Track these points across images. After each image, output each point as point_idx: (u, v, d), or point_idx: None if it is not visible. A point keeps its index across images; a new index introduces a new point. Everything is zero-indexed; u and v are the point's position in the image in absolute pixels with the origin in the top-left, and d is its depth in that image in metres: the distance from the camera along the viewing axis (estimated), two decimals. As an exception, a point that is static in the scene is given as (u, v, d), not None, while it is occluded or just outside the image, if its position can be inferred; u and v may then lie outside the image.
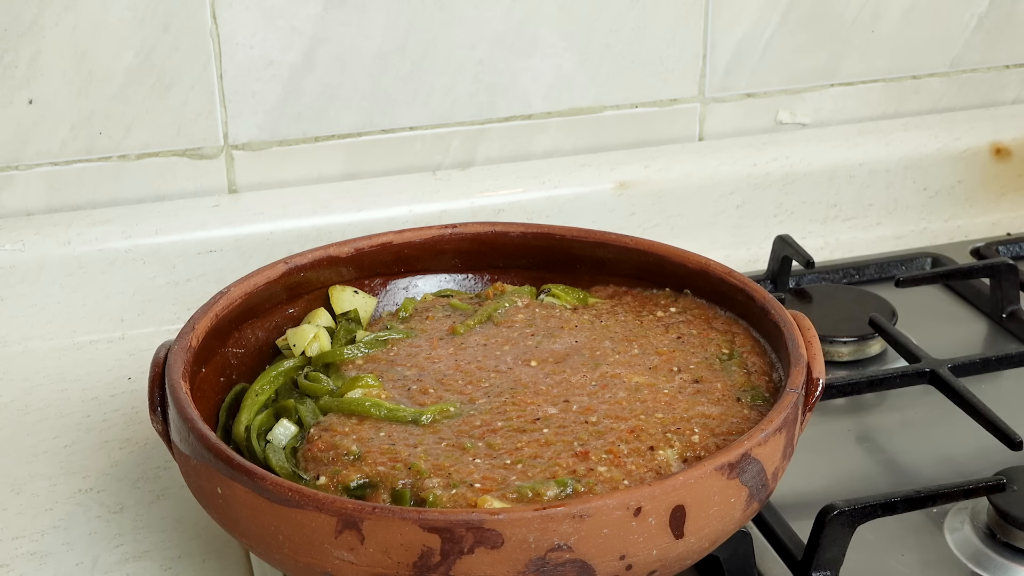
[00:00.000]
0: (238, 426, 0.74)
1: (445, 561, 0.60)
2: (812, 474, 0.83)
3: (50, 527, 0.80)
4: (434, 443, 0.69)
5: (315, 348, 0.79)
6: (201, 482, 0.66)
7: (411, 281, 0.87)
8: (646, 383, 0.74)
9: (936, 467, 0.84)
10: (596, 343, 0.79)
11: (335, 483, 0.67)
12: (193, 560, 0.77)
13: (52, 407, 0.92)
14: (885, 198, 1.17)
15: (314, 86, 1.04)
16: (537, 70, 1.09)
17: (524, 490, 0.64)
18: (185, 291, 1.02)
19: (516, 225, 0.86)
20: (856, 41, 1.16)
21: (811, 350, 0.72)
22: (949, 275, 1.02)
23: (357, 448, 0.69)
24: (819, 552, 0.72)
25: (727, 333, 0.79)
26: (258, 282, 0.80)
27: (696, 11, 1.10)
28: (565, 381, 0.75)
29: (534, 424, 0.70)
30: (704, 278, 0.82)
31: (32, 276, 0.98)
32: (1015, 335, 0.99)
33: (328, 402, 0.73)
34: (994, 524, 0.76)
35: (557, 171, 1.09)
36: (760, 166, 1.13)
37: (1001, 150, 1.18)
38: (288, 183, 1.06)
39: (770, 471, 0.66)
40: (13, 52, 0.97)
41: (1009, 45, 1.20)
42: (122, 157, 1.02)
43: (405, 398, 0.74)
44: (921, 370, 0.88)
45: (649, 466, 0.67)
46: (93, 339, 1.00)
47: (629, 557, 0.61)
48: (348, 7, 1.02)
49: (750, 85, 1.15)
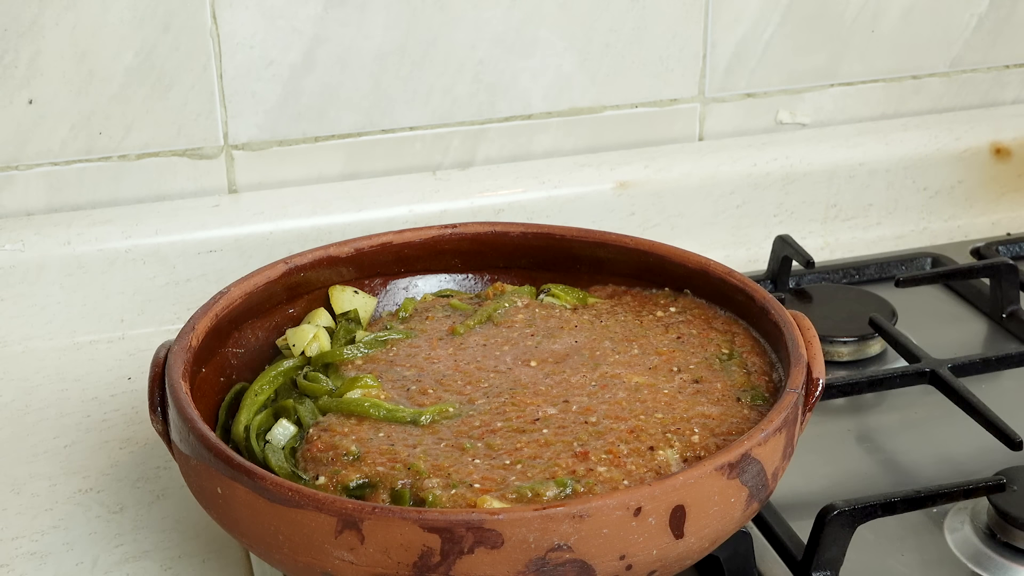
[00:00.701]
0: (237, 426, 0.74)
1: (445, 561, 0.60)
2: (812, 474, 0.83)
3: (50, 527, 0.80)
4: (433, 443, 0.69)
5: (315, 348, 0.79)
6: (201, 482, 0.66)
7: (411, 281, 0.87)
8: (646, 383, 0.74)
9: (936, 467, 0.84)
10: (596, 343, 0.79)
11: (334, 483, 0.67)
12: (193, 560, 0.77)
13: (52, 407, 0.92)
14: (885, 198, 1.17)
15: (314, 86, 1.04)
16: (537, 70, 1.09)
17: (524, 490, 0.64)
18: (185, 291, 1.02)
19: (516, 225, 0.86)
20: (856, 41, 1.16)
21: (811, 350, 0.72)
22: (949, 275, 1.02)
23: (356, 448, 0.69)
24: (819, 552, 0.72)
25: (727, 333, 0.79)
26: (258, 282, 0.80)
27: (696, 11, 1.10)
28: (565, 381, 0.75)
29: (533, 424, 0.70)
30: (704, 278, 0.82)
31: (32, 276, 0.98)
32: (1015, 335, 0.99)
33: (327, 402, 0.73)
34: (994, 524, 0.76)
35: (557, 171, 1.09)
36: (760, 166, 1.13)
37: (1001, 150, 1.18)
38: (288, 183, 1.06)
39: (770, 471, 0.66)
40: (13, 52, 0.97)
41: (1009, 45, 1.20)
42: (122, 157, 1.02)
43: (404, 398, 0.74)
44: (921, 370, 0.88)
45: (649, 466, 0.67)
46: (93, 339, 1.00)
47: (629, 557, 0.61)
48: (348, 7, 1.02)
49: (750, 85, 1.15)
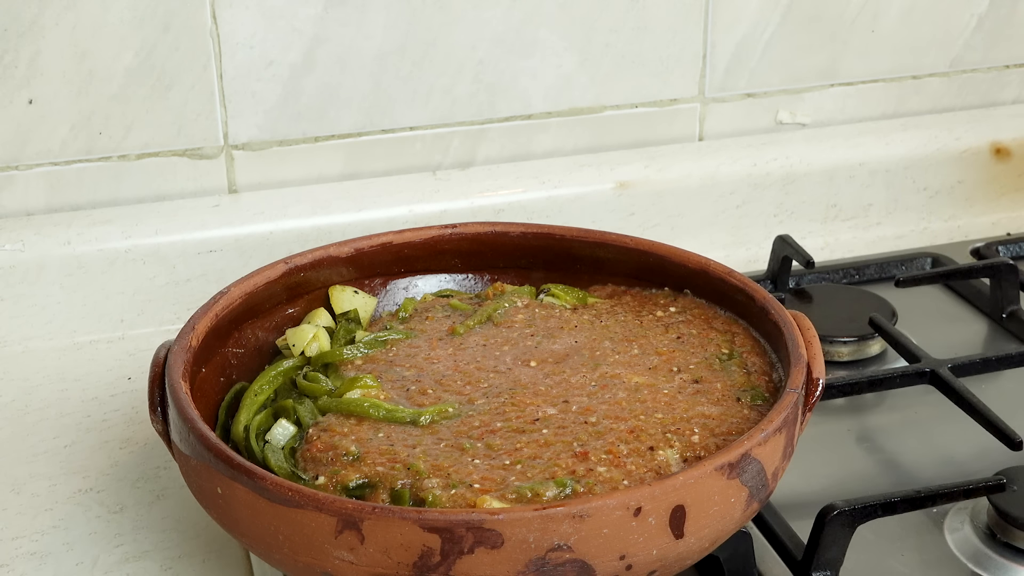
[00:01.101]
0: (237, 426, 0.74)
1: (445, 561, 0.60)
2: (812, 474, 0.83)
3: (50, 527, 0.80)
4: (433, 444, 0.69)
5: (314, 348, 0.79)
6: (201, 482, 0.66)
7: (411, 281, 0.87)
8: (646, 383, 0.74)
9: (936, 467, 0.84)
10: (596, 343, 0.79)
11: (334, 483, 0.67)
12: (193, 560, 0.77)
13: (52, 407, 0.92)
14: (885, 198, 1.17)
15: (314, 86, 1.04)
16: (537, 70, 1.08)
17: (523, 490, 0.64)
18: (185, 291, 1.02)
19: (516, 225, 0.86)
20: (856, 41, 1.16)
21: (811, 350, 0.72)
22: (949, 275, 1.02)
23: (356, 448, 0.69)
24: (819, 552, 0.72)
25: (727, 333, 0.79)
26: (258, 282, 0.80)
27: (696, 11, 1.10)
28: (565, 381, 0.75)
29: (533, 424, 0.70)
30: (704, 278, 0.82)
31: (32, 276, 0.98)
32: (1015, 335, 0.99)
33: (327, 402, 0.73)
34: (994, 524, 0.76)
35: (557, 171, 1.09)
36: (760, 166, 1.13)
37: (1001, 150, 1.18)
38: (288, 183, 1.06)
39: (770, 471, 0.66)
40: (13, 52, 0.97)
41: (1009, 45, 1.20)
42: (122, 157, 1.02)
43: (404, 399, 0.74)
44: (921, 370, 0.88)
45: (649, 466, 0.67)
46: (93, 339, 1.00)
47: (629, 557, 0.61)
48: (348, 7, 1.02)
49: (750, 85, 1.15)
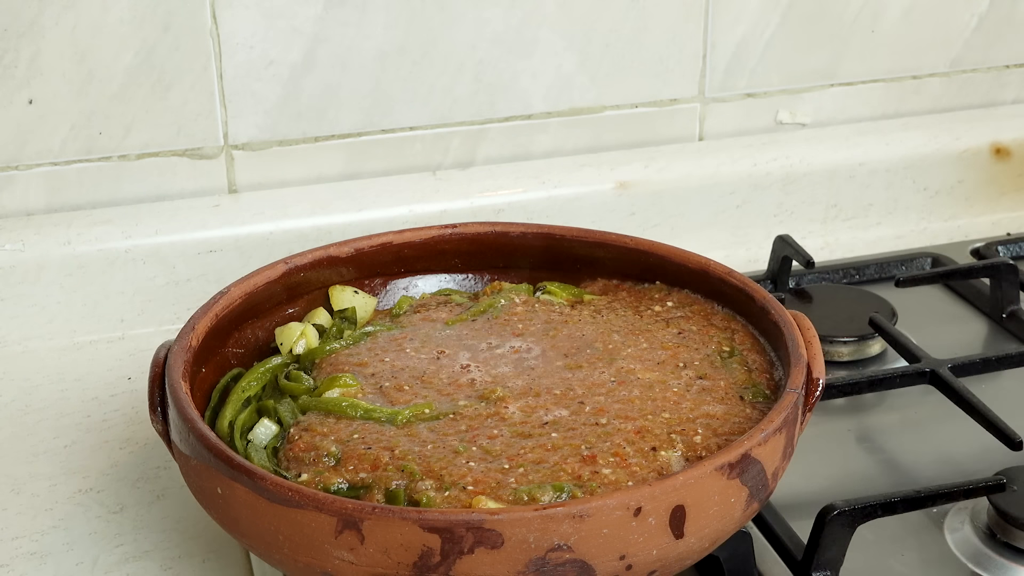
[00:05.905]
0: (222, 420, 0.73)
1: (445, 561, 0.60)
2: (812, 474, 0.83)
3: (50, 527, 0.80)
4: (412, 442, 0.68)
5: (301, 346, 0.79)
6: (201, 482, 0.66)
7: (411, 281, 0.87)
8: (658, 379, 0.74)
9: (936, 467, 0.84)
10: (606, 336, 0.78)
11: (316, 484, 0.66)
12: (193, 560, 0.77)
13: (52, 407, 0.92)
14: (885, 198, 1.17)
15: (314, 86, 1.04)
16: (537, 70, 1.08)
17: (520, 493, 0.64)
18: (185, 291, 1.02)
19: (516, 225, 0.86)
20: (856, 41, 1.16)
21: (811, 350, 0.72)
22: (949, 275, 1.02)
23: (336, 449, 0.68)
24: (819, 552, 0.72)
25: (727, 330, 0.79)
26: (258, 282, 0.80)
27: (696, 11, 1.10)
28: (564, 381, 0.74)
29: (542, 428, 0.70)
30: (704, 278, 0.82)
31: (32, 276, 0.98)
32: (1015, 335, 0.99)
33: (306, 401, 0.73)
34: (994, 524, 0.76)
35: (557, 171, 1.09)
36: (760, 166, 1.13)
37: (1001, 150, 1.18)
38: (288, 183, 1.06)
39: (770, 471, 0.66)
40: (13, 52, 0.97)
41: (1009, 45, 1.20)
42: (122, 157, 1.02)
43: (381, 397, 0.73)
44: (921, 370, 0.88)
45: (651, 467, 0.67)
46: (93, 339, 1.00)
47: (629, 557, 0.61)
48: (348, 7, 1.02)
49: (750, 85, 1.15)
